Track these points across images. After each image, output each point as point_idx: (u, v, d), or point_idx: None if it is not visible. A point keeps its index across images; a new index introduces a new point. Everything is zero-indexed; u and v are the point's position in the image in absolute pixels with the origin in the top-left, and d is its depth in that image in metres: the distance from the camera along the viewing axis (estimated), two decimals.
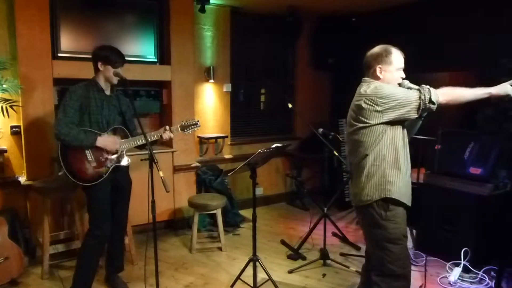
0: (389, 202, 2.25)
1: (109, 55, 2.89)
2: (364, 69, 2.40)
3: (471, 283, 3.35)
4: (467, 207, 3.59)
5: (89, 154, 2.86)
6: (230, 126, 5.29)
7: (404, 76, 2.35)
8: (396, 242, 2.26)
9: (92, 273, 2.98)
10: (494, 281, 3.13)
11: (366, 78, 2.37)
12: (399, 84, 2.32)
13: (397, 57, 2.30)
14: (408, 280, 2.32)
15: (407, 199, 2.31)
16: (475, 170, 3.59)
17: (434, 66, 4.75)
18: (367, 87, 2.28)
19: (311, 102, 5.93)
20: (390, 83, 2.30)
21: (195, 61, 4.71)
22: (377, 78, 2.32)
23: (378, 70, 2.31)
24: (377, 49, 2.34)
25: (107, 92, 2.99)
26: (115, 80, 2.94)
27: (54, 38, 3.77)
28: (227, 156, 5.25)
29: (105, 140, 2.90)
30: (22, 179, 3.71)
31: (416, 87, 2.27)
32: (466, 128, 4.21)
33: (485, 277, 3.37)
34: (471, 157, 3.67)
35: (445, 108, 2.23)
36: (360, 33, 5.49)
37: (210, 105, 5.10)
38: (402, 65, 2.33)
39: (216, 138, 5.04)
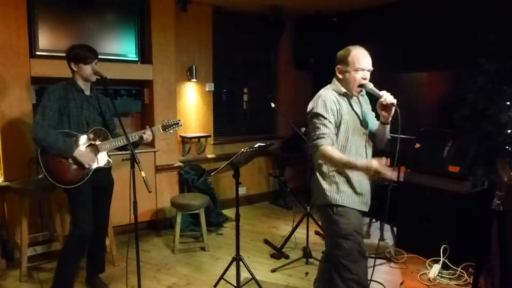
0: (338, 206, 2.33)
1: (79, 53, 2.83)
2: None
3: (450, 279, 3.41)
4: (446, 204, 3.66)
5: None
6: (213, 126, 5.27)
7: (366, 77, 2.31)
8: (347, 237, 2.29)
9: (73, 275, 2.94)
10: (472, 277, 3.20)
11: (334, 78, 2.42)
12: (361, 85, 2.30)
13: (357, 58, 2.27)
14: (359, 275, 2.34)
15: (358, 205, 2.37)
16: (453, 168, 3.66)
17: (414, 66, 4.83)
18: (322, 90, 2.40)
19: (294, 101, 5.95)
20: (349, 83, 2.32)
21: (177, 60, 4.68)
22: (338, 79, 2.37)
23: (337, 70, 2.35)
24: (343, 49, 2.37)
25: (87, 92, 2.94)
26: (92, 78, 2.89)
27: (32, 36, 3.69)
28: (210, 156, 5.23)
29: (82, 155, 2.84)
30: None
31: (380, 93, 2.29)
32: (444, 127, 4.29)
33: (464, 274, 3.44)
34: (449, 155, 3.74)
35: None
36: (341, 32, 5.53)
37: (192, 105, 5.07)
38: (364, 66, 2.28)
39: (198, 137, 5.02)
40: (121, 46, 4.23)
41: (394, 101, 2.25)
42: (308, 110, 2.41)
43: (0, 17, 3.48)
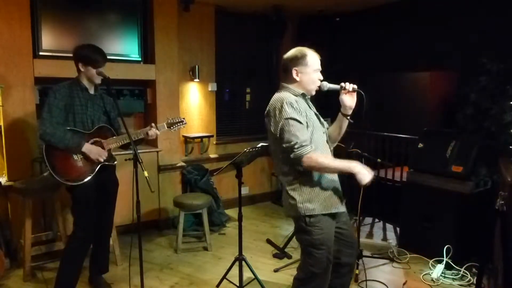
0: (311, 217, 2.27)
1: (90, 56, 2.84)
2: (282, 72, 2.37)
3: (453, 279, 3.41)
4: (449, 204, 3.65)
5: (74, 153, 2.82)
6: (215, 126, 5.28)
7: (321, 78, 2.32)
8: (319, 247, 2.27)
9: (76, 275, 2.94)
10: (475, 278, 3.19)
11: (283, 84, 2.35)
12: (319, 87, 2.30)
13: (312, 59, 2.27)
14: (323, 279, 2.34)
15: (333, 208, 2.30)
16: (456, 168, 3.65)
17: (417, 65, 4.82)
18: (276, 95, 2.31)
19: None
20: (308, 85, 2.29)
21: (179, 60, 4.68)
22: (294, 81, 2.30)
23: (294, 72, 2.28)
24: (292, 51, 2.33)
25: (91, 91, 2.95)
26: (98, 80, 2.90)
27: (35, 36, 3.70)
28: (212, 156, 5.24)
29: (92, 150, 2.84)
30: (3, 180, 3.63)
31: (336, 86, 2.30)
32: (447, 127, 4.28)
33: (467, 274, 3.44)
34: (452, 155, 3.73)
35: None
36: (344, 32, 5.54)
37: (195, 105, 5.08)
38: (319, 66, 2.30)
39: (201, 137, 5.03)
40: (124, 46, 4.24)
41: (355, 86, 2.28)
42: (268, 112, 2.29)
43: (3, 18, 3.50)
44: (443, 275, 3.45)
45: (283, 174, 2.32)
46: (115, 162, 3.05)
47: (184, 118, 3.23)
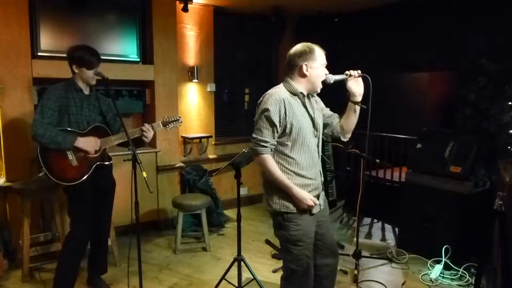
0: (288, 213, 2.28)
1: (83, 57, 2.82)
2: (288, 68, 2.36)
3: (452, 280, 3.41)
4: (448, 205, 3.65)
5: (70, 153, 2.81)
6: (214, 126, 5.27)
7: (327, 72, 2.33)
8: (297, 243, 2.27)
9: (73, 275, 2.93)
10: (474, 278, 3.19)
11: (288, 78, 2.35)
12: (324, 81, 2.30)
13: (320, 54, 2.29)
14: (306, 277, 2.34)
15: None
16: (455, 169, 3.65)
17: (416, 66, 4.82)
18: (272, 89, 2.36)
19: None
20: (316, 79, 2.29)
21: (178, 61, 4.68)
22: (304, 76, 2.29)
23: (304, 67, 2.27)
24: (299, 46, 2.33)
25: (86, 92, 2.94)
26: (93, 81, 2.89)
27: (33, 37, 3.69)
28: (211, 156, 5.23)
29: (85, 141, 2.83)
30: (1, 180, 3.62)
31: (342, 76, 2.33)
32: (446, 127, 4.29)
33: (466, 274, 3.44)
34: (451, 156, 3.73)
35: None
36: (343, 33, 5.54)
37: (194, 105, 5.08)
38: (325, 61, 2.32)
39: (200, 138, 5.02)
40: (122, 46, 4.24)
41: (359, 71, 2.30)
42: (258, 105, 2.40)
43: (1, 18, 3.49)
44: (441, 275, 3.45)
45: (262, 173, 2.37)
46: (111, 162, 3.04)
47: (180, 117, 3.21)
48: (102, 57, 2.98)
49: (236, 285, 3.12)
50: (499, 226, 2.65)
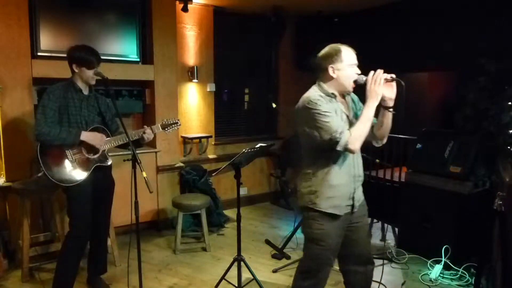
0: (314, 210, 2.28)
1: (83, 57, 2.83)
2: (317, 72, 2.37)
3: (452, 280, 3.41)
4: (448, 205, 3.65)
5: (69, 154, 2.81)
6: (214, 126, 5.27)
7: (359, 71, 2.28)
8: (318, 242, 2.27)
9: (72, 275, 2.93)
10: (474, 278, 3.19)
11: (319, 81, 2.36)
12: (355, 81, 2.26)
13: (347, 54, 2.26)
14: (320, 278, 2.34)
15: (330, 208, 2.27)
16: (455, 169, 3.65)
17: (415, 66, 4.82)
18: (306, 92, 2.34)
19: (295, 102, 5.86)
20: (345, 80, 2.26)
21: (178, 61, 4.68)
22: (331, 78, 2.28)
23: (330, 70, 2.26)
24: (326, 49, 2.32)
25: (85, 92, 2.94)
26: (92, 81, 2.90)
27: (33, 37, 3.69)
28: (211, 156, 5.23)
29: (90, 135, 2.85)
30: (1, 180, 3.62)
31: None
32: (446, 127, 4.29)
33: (465, 274, 3.44)
34: (451, 155, 3.73)
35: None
36: (342, 33, 5.53)
37: (193, 105, 5.07)
38: (354, 61, 2.27)
39: (200, 138, 5.02)
40: (122, 46, 4.24)
41: (393, 75, 2.21)
42: (296, 110, 2.36)
43: (1, 18, 3.49)
44: (441, 275, 3.45)
45: (302, 167, 2.36)
46: (111, 162, 3.05)
47: (178, 120, 3.23)
48: (102, 57, 2.98)
49: (236, 285, 3.12)
50: (499, 226, 2.65)
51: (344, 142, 2.09)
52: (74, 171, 2.82)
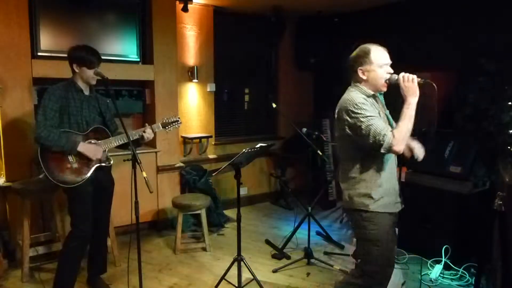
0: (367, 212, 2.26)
1: (84, 56, 2.83)
2: (349, 73, 2.34)
3: (452, 280, 3.41)
4: (448, 205, 3.65)
5: (70, 155, 2.82)
6: (214, 126, 5.27)
7: (391, 71, 2.25)
8: (376, 243, 2.26)
9: (73, 275, 2.93)
10: (474, 278, 3.19)
11: (353, 83, 2.32)
12: (388, 80, 2.22)
13: (377, 55, 2.23)
14: (382, 283, 2.32)
15: (389, 208, 2.30)
16: (455, 169, 3.65)
17: (415, 66, 4.80)
18: (347, 94, 2.28)
19: (295, 102, 5.95)
20: (377, 81, 2.24)
21: (178, 61, 4.68)
22: (361, 80, 2.27)
23: (360, 72, 2.26)
24: (356, 51, 2.30)
25: (86, 93, 2.94)
26: (93, 81, 2.90)
27: (33, 37, 3.69)
28: (211, 156, 5.23)
29: (87, 148, 2.84)
30: (1, 180, 3.62)
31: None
32: (446, 128, 4.28)
33: (466, 274, 3.44)
34: (451, 156, 3.73)
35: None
36: (342, 33, 5.53)
37: (194, 105, 5.07)
38: (386, 61, 2.25)
39: (200, 138, 5.02)
40: (122, 46, 4.24)
41: (427, 79, 2.19)
42: (338, 112, 2.27)
43: (1, 18, 3.49)
44: (441, 275, 3.45)
45: (346, 170, 2.32)
46: (111, 163, 3.05)
47: (179, 118, 3.22)
48: (102, 57, 2.98)
49: (236, 285, 3.12)
50: (499, 226, 2.65)
51: (388, 144, 2.07)
52: (75, 172, 2.82)
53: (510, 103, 3.57)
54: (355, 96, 2.22)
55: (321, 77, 6.04)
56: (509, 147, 3.34)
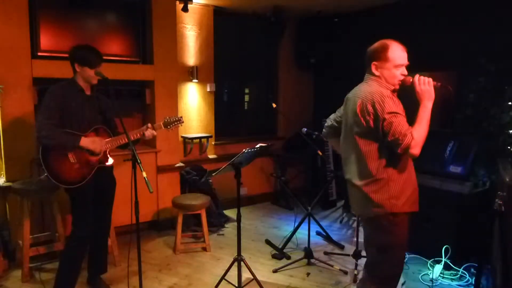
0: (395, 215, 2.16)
1: (86, 56, 2.83)
2: (365, 65, 2.25)
3: (452, 280, 3.41)
4: (448, 205, 3.65)
5: (71, 156, 2.81)
6: (214, 126, 5.27)
7: (406, 73, 2.17)
8: (403, 246, 2.23)
9: (75, 275, 2.93)
10: (474, 278, 3.19)
11: (369, 76, 2.23)
12: (402, 81, 2.16)
13: (395, 53, 2.13)
14: (396, 281, 2.33)
15: (414, 206, 2.22)
16: (455, 169, 3.65)
17: (416, 66, 4.81)
18: (368, 86, 2.17)
19: (295, 102, 5.95)
20: (390, 80, 2.16)
21: (178, 61, 4.68)
22: (374, 74, 2.18)
23: (373, 67, 2.17)
24: (375, 44, 2.22)
25: (87, 92, 2.94)
26: (94, 80, 2.89)
27: (33, 37, 3.69)
28: (211, 156, 5.23)
29: (89, 141, 2.84)
30: (1, 180, 3.62)
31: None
32: (446, 128, 4.28)
33: (466, 274, 3.44)
34: (451, 156, 3.73)
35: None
36: (342, 33, 5.54)
37: (194, 105, 5.08)
38: (402, 61, 2.15)
39: (200, 138, 5.02)
40: (123, 46, 4.24)
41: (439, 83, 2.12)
42: (361, 109, 2.12)
43: (1, 18, 3.49)
44: (441, 275, 3.45)
45: (364, 172, 2.17)
46: (112, 163, 3.05)
47: (181, 117, 3.21)
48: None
49: (236, 285, 3.12)
50: (499, 226, 2.65)
51: (406, 145, 2.00)
52: (76, 173, 2.82)
53: (510, 103, 3.57)
54: (379, 89, 2.11)
55: (321, 77, 6.04)
56: (509, 147, 3.35)
